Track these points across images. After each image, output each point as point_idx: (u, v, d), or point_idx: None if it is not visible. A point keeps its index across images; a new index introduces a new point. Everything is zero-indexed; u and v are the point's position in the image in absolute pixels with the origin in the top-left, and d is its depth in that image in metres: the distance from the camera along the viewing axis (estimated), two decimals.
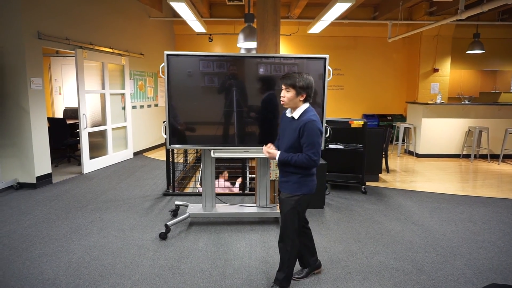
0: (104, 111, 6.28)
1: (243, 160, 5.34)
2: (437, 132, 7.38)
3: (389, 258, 3.01)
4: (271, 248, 3.16)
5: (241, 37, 5.64)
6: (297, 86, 2.27)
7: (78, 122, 5.70)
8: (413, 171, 6.28)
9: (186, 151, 6.06)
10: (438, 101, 7.46)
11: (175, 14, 8.10)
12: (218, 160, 5.55)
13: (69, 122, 6.53)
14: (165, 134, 3.36)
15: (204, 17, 8.45)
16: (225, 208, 3.71)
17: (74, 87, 7.53)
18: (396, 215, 4.04)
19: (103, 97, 6.23)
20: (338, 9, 5.63)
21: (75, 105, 7.29)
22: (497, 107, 7.29)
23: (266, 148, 2.45)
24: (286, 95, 2.32)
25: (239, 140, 3.42)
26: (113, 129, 6.49)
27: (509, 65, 9.50)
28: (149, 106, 7.96)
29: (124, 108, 6.87)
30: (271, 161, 3.76)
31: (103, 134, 6.30)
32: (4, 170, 4.80)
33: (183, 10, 5.84)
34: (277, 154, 2.37)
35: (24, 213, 3.92)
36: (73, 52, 5.43)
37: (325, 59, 3.31)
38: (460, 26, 8.77)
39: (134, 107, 7.24)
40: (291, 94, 2.30)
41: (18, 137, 4.72)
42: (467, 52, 8.36)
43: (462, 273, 2.77)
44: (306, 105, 2.34)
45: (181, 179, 5.53)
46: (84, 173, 5.74)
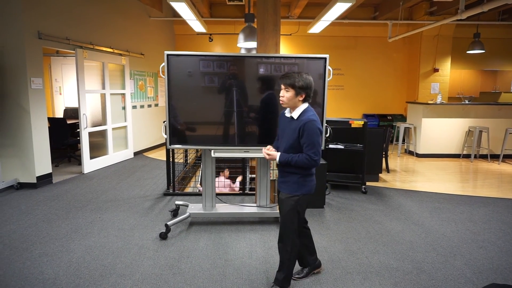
0: (104, 111, 6.28)
1: (243, 160, 5.34)
2: (437, 132, 7.37)
3: (389, 258, 3.01)
4: (271, 248, 3.16)
5: (241, 37, 5.64)
6: (296, 86, 2.27)
7: (78, 122, 5.70)
8: (413, 171, 6.28)
9: (186, 151, 6.07)
10: (438, 101, 7.46)
11: (175, 14, 8.10)
12: (219, 160, 5.56)
13: (69, 122, 6.54)
14: (165, 134, 3.37)
15: (204, 17, 8.45)
16: (225, 208, 3.72)
17: (74, 87, 7.53)
18: (396, 215, 4.05)
19: (103, 97, 6.23)
20: (338, 9, 5.63)
21: (76, 105, 7.30)
22: (497, 107, 7.29)
23: (266, 150, 2.44)
24: (285, 95, 2.32)
25: (239, 140, 3.42)
26: (113, 129, 6.49)
27: (509, 65, 9.49)
28: (149, 106, 7.96)
29: (124, 108, 6.88)
30: (271, 161, 3.76)
31: (103, 134, 6.30)
32: (5, 170, 4.80)
33: (183, 10, 5.84)
34: (277, 155, 2.36)
35: (25, 213, 3.93)
36: (74, 52, 5.44)
37: (325, 59, 3.31)
38: (460, 26, 8.76)
39: (134, 107, 7.24)
40: (290, 94, 2.30)
41: (19, 137, 4.73)
42: (467, 52, 8.36)
43: (462, 273, 2.77)
44: (305, 105, 2.34)
45: (181, 179, 5.53)
46: (85, 173, 5.74)
